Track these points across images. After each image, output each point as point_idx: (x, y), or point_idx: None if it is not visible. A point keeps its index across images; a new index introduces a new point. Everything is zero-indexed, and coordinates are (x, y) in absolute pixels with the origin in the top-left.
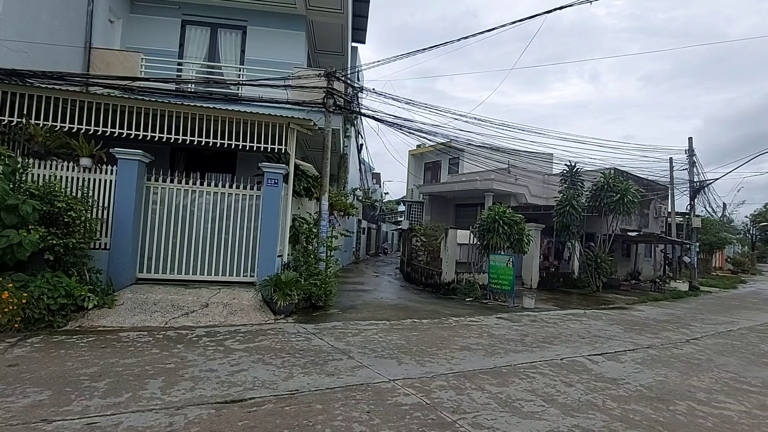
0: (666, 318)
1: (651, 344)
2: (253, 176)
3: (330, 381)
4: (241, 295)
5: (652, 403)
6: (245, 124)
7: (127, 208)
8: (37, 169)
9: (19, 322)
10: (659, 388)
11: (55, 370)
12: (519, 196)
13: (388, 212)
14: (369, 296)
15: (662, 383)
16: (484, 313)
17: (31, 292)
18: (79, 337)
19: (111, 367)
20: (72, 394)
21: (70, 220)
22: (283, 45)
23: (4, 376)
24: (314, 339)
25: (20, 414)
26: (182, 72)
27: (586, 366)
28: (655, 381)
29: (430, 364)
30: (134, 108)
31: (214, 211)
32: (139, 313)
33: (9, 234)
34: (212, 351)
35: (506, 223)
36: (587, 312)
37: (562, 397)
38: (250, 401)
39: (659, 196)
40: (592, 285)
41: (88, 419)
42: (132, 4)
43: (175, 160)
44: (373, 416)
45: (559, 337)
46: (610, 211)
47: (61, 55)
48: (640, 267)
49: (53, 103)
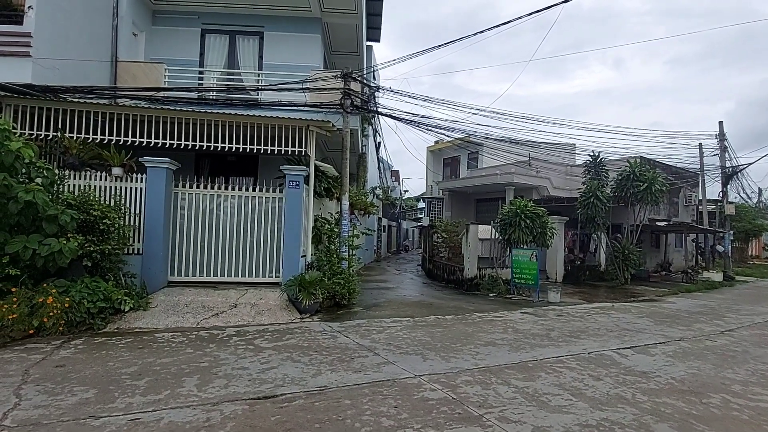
0: (699, 309)
1: (683, 336)
2: (274, 179)
3: (357, 377)
4: (268, 295)
5: (685, 396)
6: (266, 128)
7: (157, 214)
8: (72, 179)
9: (63, 325)
10: (692, 380)
11: (98, 370)
12: (541, 189)
13: (408, 209)
14: (392, 294)
15: (695, 376)
16: (508, 308)
17: (73, 297)
18: (117, 339)
19: (149, 366)
20: (115, 392)
21: (105, 228)
22: (299, 48)
23: (53, 376)
24: (340, 337)
25: (70, 411)
26: (203, 80)
27: (615, 359)
28: (688, 374)
29: (455, 359)
30: (160, 117)
31: (239, 215)
32: (172, 314)
33: (50, 242)
34: (243, 350)
35: (528, 217)
36: (615, 305)
37: (591, 391)
38: (281, 397)
39: (689, 184)
40: (619, 277)
41: (132, 415)
42: (154, 16)
43: (200, 166)
44: (400, 411)
45: (586, 331)
46: (636, 200)
47: (90, 70)
48: (670, 258)
49: (85, 116)
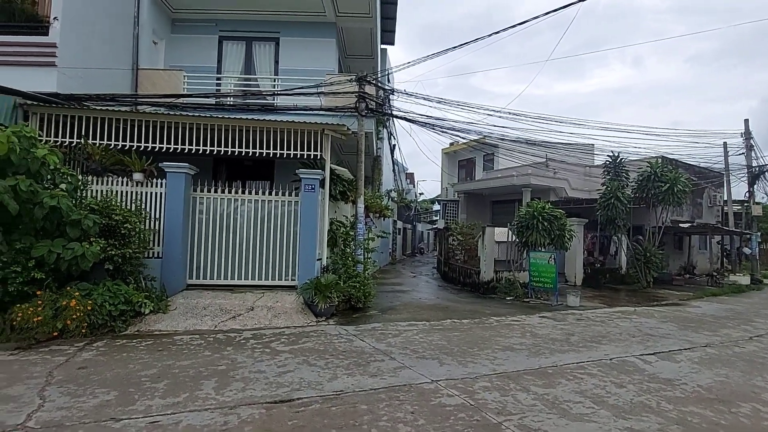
0: (725, 314)
1: (709, 342)
2: (290, 182)
3: (373, 382)
4: (284, 298)
5: (712, 404)
6: (281, 132)
7: (177, 219)
8: (95, 185)
9: (85, 327)
10: (720, 389)
11: (119, 372)
12: (558, 190)
13: (423, 212)
14: (407, 297)
15: (723, 384)
16: (526, 312)
17: (95, 300)
18: (138, 341)
19: (168, 369)
20: (135, 394)
21: (126, 232)
22: (314, 53)
23: (75, 377)
24: (355, 340)
25: (91, 413)
26: (221, 86)
27: (638, 366)
28: (715, 381)
29: (472, 364)
30: (179, 123)
31: (256, 218)
32: (190, 317)
33: (74, 246)
34: (259, 353)
35: (546, 219)
36: (637, 309)
37: (613, 399)
38: (297, 401)
39: (713, 184)
40: (641, 280)
41: (151, 418)
42: (173, 25)
43: (218, 171)
44: (417, 417)
45: (608, 336)
46: (658, 202)
47: (112, 78)
48: (694, 260)
49: (107, 123)
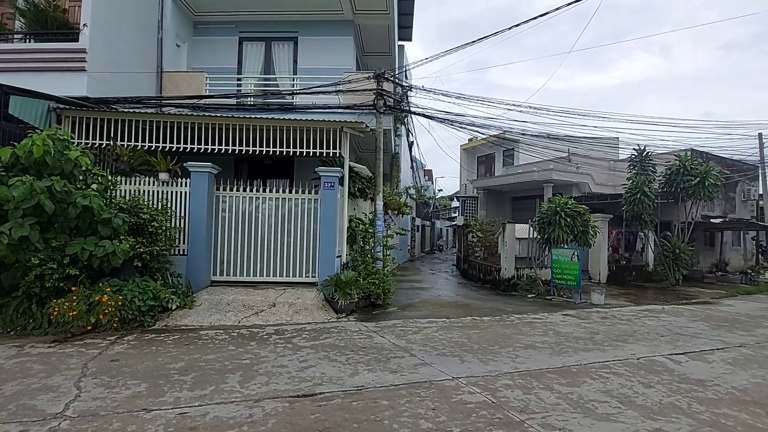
0: (761, 313)
1: (744, 342)
2: (310, 180)
3: (394, 378)
4: (305, 294)
5: (748, 407)
6: (301, 131)
7: (201, 217)
8: (123, 185)
9: (116, 322)
10: (756, 390)
11: (149, 365)
12: (582, 186)
13: (442, 209)
14: (427, 294)
15: (759, 386)
16: (549, 309)
17: (125, 296)
18: (166, 335)
19: (195, 362)
20: (164, 386)
21: (153, 230)
22: (332, 51)
23: (108, 369)
24: (375, 337)
25: (124, 404)
26: (242, 86)
27: (667, 366)
28: (751, 383)
29: (493, 362)
30: (202, 124)
31: (276, 216)
32: (215, 312)
33: (105, 244)
34: (282, 348)
35: (569, 215)
36: (666, 308)
37: (641, 399)
38: (320, 396)
39: (747, 177)
40: (669, 278)
41: (180, 409)
42: (195, 28)
43: (239, 170)
44: (438, 413)
45: (634, 335)
46: (687, 196)
47: (138, 81)
48: (727, 257)
49: (134, 124)
